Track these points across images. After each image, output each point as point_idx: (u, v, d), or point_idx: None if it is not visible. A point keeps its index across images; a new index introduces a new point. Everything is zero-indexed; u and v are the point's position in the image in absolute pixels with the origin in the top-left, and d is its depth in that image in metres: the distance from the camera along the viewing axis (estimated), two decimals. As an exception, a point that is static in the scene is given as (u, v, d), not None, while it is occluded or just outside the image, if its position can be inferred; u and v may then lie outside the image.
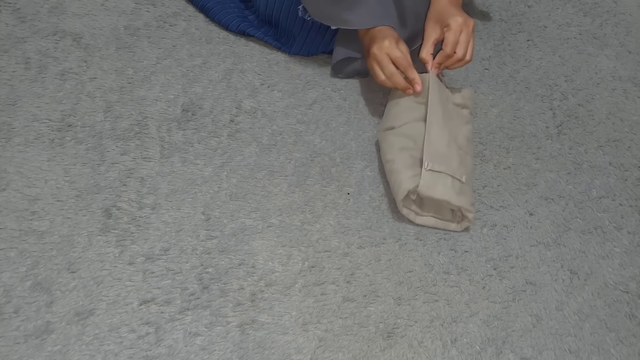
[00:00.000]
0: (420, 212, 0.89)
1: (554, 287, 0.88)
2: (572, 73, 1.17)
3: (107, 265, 0.80)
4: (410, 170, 0.88)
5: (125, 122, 0.94)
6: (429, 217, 0.90)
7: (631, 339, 0.85)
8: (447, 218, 0.90)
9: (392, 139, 0.92)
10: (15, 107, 0.92)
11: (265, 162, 0.94)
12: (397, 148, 0.91)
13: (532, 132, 1.06)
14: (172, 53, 1.04)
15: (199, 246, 0.84)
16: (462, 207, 0.86)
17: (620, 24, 1.29)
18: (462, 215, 0.89)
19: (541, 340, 0.83)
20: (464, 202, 0.87)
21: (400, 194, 0.87)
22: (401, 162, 0.89)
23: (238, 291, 0.81)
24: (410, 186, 0.86)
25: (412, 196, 0.88)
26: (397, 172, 0.89)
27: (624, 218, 0.98)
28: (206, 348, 0.76)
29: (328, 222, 0.89)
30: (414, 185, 0.86)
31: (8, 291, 0.76)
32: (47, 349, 0.73)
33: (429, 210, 0.89)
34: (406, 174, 0.87)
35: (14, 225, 0.81)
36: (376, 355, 0.78)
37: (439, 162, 0.87)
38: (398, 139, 0.92)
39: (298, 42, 1.05)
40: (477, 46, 1.16)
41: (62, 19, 1.05)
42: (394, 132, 0.93)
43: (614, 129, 1.10)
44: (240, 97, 1.01)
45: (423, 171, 0.86)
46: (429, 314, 0.83)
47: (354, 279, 0.84)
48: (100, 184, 0.87)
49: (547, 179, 1.00)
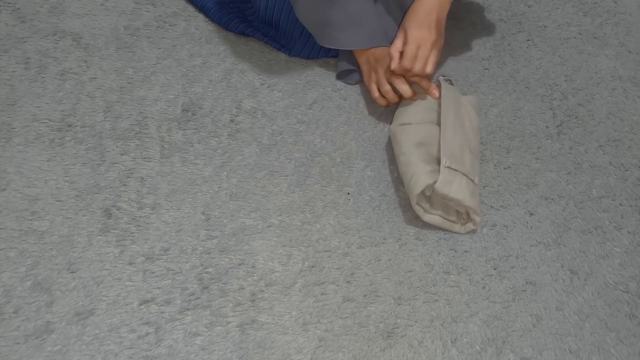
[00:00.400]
0: (429, 210, 0.89)
1: (554, 287, 0.88)
2: (572, 73, 1.17)
3: (107, 265, 0.80)
4: (428, 166, 0.87)
5: (125, 122, 0.94)
6: (436, 216, 0.89)
7: (631, 339, 0.85)
8: (452, 219, 0.90)
9: (410, 133, 0.92)
10: (15, 107, 0.92)
11: (265, 162, 0.94)
12: (415, 142, 0.90)
13: (532, 132, 1.06)
14: (172, 53, 1.04)
15: (199, 246, 0.84)
16: (473, 208, 0.86)
17: (620, 24, 1.29)
18: (467, 217, 0.89)
19: (541, 340, 0.83)
20: (475, 204, 0.87)
21: (418, 188, 0.86)
22: (418, 157, 0.89)
23: (238, 291, 0.81)
24: (429, 181, 0.85)
25: (427, 192, 0.87)
26: (415, 165, 0.88)
27: (624, 218, 0.97)
28: (206, 348, 0.76)
29: (328, 222, 0.89)
30: (432, 181, 0.85)
31: (8, 291, 0.76)
32: (47, 349, 0.73)
33: (437, 209, 0.89)
34: (424, 169, 0.87)
35: (14, 225, 0.81)
36: (376, 355, 0.78)
37: (455, 161, 0.87)
38: (415, 134, 0.92)
39: (298, 45, 1.05)
40: (477, 46, 1.16)
41: (61, 19, 1.05)
42: (411, 127, 0.93)
43: (614, 128, 1.10)
44: (241, 97, 1.01)
45: (442, 167, 0.85)
46: (429, 314, 0.83)
47: (354, 278, 0.84)
48: (100, 184, 0.87)
49: (547, 178, 1.00)
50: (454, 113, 0.92)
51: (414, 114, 0.95)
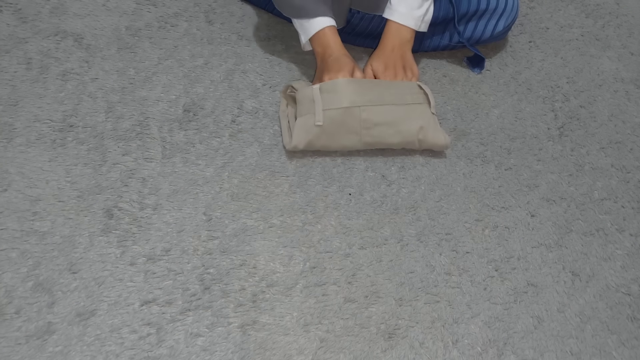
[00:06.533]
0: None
1: (555, 289, 0.88)
2: (574, 75, 1.17)
3: (108, 265, 0.80)
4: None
5: (127, 122, 0.94)
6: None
7: (633, 342, 0.85)
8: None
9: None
10: (17, 108, 0.92)
11: (267, 163, 0.94)
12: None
13: (533, 134, 1.06)
14: (173, 53, 1.04)
15: (200, 247, 0.84)
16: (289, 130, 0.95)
17: (622, 26, 1.29)
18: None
19: (542, 342, 0.83)
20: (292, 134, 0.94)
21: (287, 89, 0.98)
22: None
23: (239, 292, 0.81)
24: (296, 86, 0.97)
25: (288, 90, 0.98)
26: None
27: (626, 220, 0.97)
28: (207, 349, 0.76)
29: (329, 223, 0.89)
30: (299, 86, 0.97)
31: (9, 292, 0.76)
32: (48, 349, 0.73)
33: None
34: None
35: (16, 226, 0.81)
36: (377, 356, 0.78)
37: (327, 90, 0.92)
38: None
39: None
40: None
41: (63, 19, 1.05)
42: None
43: (616, 130, 1.10)
44: (242, 98, 1.01)
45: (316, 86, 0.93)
46: (430, 315, 0.83)
47: (355, 279, 0.84)
48: (101, 184, 0.87)
49: (549, 180, 1.00)
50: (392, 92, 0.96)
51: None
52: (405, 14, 0.99)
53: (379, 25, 1.06)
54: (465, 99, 1.09)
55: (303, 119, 0.90)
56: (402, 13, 0.99)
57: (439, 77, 1.11)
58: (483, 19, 1.07)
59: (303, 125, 0.90)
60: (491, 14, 1.07)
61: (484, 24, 1.07)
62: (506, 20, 1.07)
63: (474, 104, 1.08)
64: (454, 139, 1.02)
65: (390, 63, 1.00)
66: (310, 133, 0.91)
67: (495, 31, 1.08)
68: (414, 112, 0.94)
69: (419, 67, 1.11)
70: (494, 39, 1.11)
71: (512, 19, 1.08)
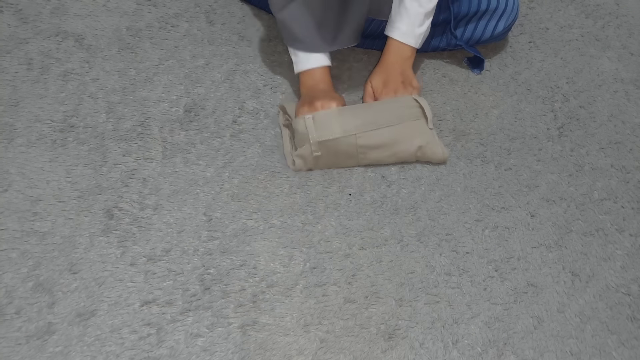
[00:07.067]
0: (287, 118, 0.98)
1: (555, 289, 0.88)
2: (573, 75, 1.17)
3: (108, 266, 0.80)
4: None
5: (128, 123, 0.94)
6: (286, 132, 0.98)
7: (633, 342, 0.85)
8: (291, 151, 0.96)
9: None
10: (18, 108, 0.93)
11: (268, 163, 0.94)
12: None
13: (533, 134, 1.06)
14: (174, 54, 1.04)
15: (201, 247, 0.84)
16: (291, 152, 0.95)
17: (622, 26, 1.29)
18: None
19: (542, 342, 0.83)
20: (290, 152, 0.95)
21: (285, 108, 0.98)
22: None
23: (239, 292, 0.81)
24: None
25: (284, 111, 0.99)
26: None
27: (625, 220, 0.97)
28: (207, 349, 0.76)
29: (329, 223, 0.89)
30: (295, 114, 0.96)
31: (10, 292, 0.76)
32: (48, 349, 0.73)
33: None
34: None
35: (16, 226, 0.81)
36: (377, 356, 0.78)
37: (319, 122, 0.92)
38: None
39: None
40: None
41: (64, 20, 1.05)
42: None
43: (616, 131, 1.10)
44: (243, 98, 1.01)
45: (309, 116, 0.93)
46: (430, 315, 0.83)
47: (356, 280, 0.84)
48: (102, 184, 0.87)
49: (549, 180, 1.00)
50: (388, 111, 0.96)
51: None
52: (406, 32, 0.98)
53: (379, 26, 1.06)
54: (464, 99, 1.09)
55: (302, 150, 0.92)
56: (403, 32, 0.98)
57: (438, 77, 1.11)
58: (483, 20, 1.07)
59: (302, 155, 0.92)
60: (491, 14, 1.07)
61: (484, 24, 1.07)
62: (506, 20, 1.07)
63: (474, 104, 1.08)
64: (454, 139, 1.03)
65: (390, 80, 1.00)
66: (309, 162, 0.92)
67: (496, 32, 1.08)
68: (411, 130, 0.94)
69: (419, 67, 1.11)
70: (494, 40, 1.11)
71: (512, 20, 1.08)
